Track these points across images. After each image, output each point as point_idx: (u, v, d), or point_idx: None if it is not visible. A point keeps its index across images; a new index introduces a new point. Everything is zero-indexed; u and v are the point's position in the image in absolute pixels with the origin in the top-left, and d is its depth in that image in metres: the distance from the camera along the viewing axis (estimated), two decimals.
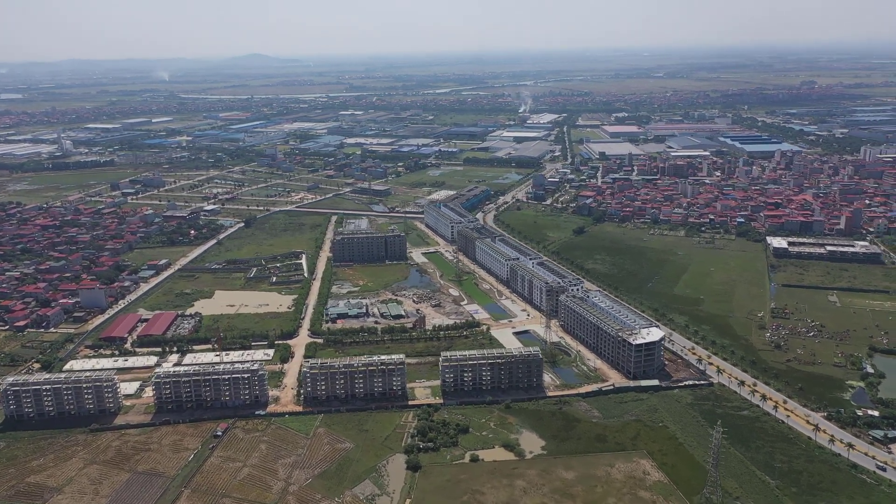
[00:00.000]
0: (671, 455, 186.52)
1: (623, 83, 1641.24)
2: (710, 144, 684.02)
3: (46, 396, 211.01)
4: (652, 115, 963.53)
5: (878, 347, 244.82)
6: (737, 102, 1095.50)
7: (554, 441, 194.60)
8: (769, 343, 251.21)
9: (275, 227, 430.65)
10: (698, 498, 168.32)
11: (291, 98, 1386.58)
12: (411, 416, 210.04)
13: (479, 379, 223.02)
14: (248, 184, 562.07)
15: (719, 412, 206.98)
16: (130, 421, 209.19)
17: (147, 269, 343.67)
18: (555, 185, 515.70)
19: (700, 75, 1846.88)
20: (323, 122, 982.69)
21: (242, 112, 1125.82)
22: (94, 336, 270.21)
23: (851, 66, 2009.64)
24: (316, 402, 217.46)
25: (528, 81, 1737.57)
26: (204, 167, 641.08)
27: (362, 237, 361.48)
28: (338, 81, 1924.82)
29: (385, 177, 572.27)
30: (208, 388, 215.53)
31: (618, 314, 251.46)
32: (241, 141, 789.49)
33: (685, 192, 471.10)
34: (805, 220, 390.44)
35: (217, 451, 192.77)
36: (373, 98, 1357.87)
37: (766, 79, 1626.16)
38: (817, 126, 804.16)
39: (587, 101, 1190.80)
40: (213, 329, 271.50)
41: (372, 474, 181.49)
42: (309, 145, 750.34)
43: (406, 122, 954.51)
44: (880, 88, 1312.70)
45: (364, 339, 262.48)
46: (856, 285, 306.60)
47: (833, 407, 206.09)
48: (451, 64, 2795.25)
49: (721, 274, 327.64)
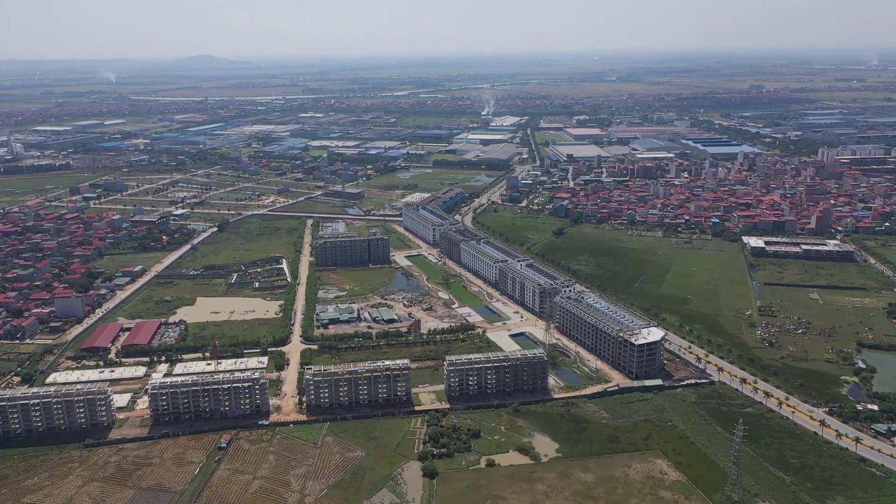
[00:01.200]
0: (685, 454, 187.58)
1: (578, 86, 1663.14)
2: (673, 147, 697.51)
3: (35, 411, 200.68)
4: (612, 118, 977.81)
5: (865, 343, 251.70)
6: (692, 106, 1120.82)
7: (567, 443, 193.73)
8: (761, 341, 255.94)
9: (249, 231, 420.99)
10: (719, 496, 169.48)
11: (247, 100, 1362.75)
12: (419, 421, 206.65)
13: (483, 382, 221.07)
14: (215, 187, 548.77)
15: (724, 410, 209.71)
16: (127, 434, 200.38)
17: (122, 275, 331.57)
18: (528, 188, 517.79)
19: (651, 79, 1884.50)
20: (283, 124, 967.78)
21: (199, 114, 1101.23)
22: (74, 347, 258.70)
23: (794, 72, 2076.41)
24: (319, 410, 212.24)
25: (484, 84, 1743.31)
26: (166, 171, 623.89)
27: (345, 241, 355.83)
28: (292, 84, 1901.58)
29: (356, 179, 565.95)
30: (207, 399, 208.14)
31: (614, 315, 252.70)
32: (201, 144, 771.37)
33: (657, 193, 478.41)
34: (777, 220, 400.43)
35: (224, 463, 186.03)
36: (330, 100, 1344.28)
37: (716, 83, 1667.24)
38: (772, 129, 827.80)
39: (546, 104, 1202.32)
40: (201, 337, 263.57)
41: (388, 483, 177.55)
42: (273, 148, 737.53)
43: (368, 124, 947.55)
44: (824, 93, 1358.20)
45: (359, 345, 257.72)
46: (834, 283, 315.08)
47: (832, 402, 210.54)
48: (404, 67, 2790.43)
49: (704, 273, 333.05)
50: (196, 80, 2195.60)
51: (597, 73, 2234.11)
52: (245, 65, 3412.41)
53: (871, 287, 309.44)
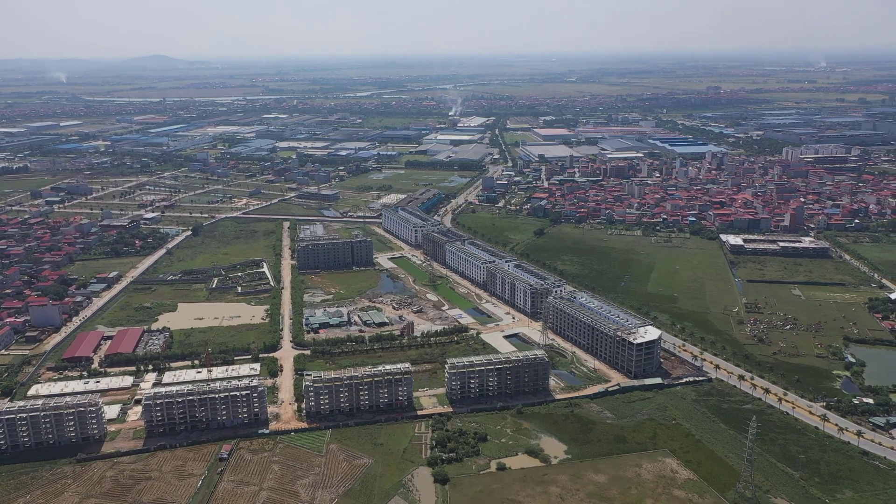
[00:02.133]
0: (693, 452, 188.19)
1: (540, 87, 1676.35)
2: (642, 146, 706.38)
3: (22, 426, 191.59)
4: (578, 119, 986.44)
5: (852, 338, 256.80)
6: (654, 106, 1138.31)
7: (575, 444, 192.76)
8: (752, 337, 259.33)
9: (225, 234, 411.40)
10: (732, 493, 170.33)
11: (207, 101, 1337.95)
12: (424, 426, 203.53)
13: (485, 385, 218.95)
14: (184, 190, 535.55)
15: (725, 407, 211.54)
16: (121, 448, 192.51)
17: (97, 282, 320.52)
18: (503, 188, 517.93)
19: (610, 80, 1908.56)
20: (247, 125, 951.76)
21: (158, 115, 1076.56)
22: (54, 357, 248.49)
23: (746, 73, 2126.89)
24: (320, 416, 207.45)
25: (447, 85, 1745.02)
26: (130, 173, 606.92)
27: (328, 243, 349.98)
28: (252, 84, 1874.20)
29: (329, 181, 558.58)
30: (204, 409, 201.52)
31: (608, 314, 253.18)
32: (164, 145, 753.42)
33: (632, 192, 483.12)
34: (753, 218, 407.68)
35: (227, 474, 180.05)
36: (293, 101, 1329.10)
37: (674, 84, 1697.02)
38: (734, 129, 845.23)
39: (511, 105, 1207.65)
40: (187, 345, 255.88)
41: (400, 490, 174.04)
42: (240, 149, 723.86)
43: (335, 125, 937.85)
44: (778, 94, 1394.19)
45: (352, 349, 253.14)
46: (813, 279, 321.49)
47: (828, 397, 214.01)
48: (364, 67, 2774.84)
49: (687, 272, 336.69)
50: (151, 80, 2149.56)
51: (557, 74, 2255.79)
52: (200, 65, 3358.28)
53: (849, 283, 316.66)
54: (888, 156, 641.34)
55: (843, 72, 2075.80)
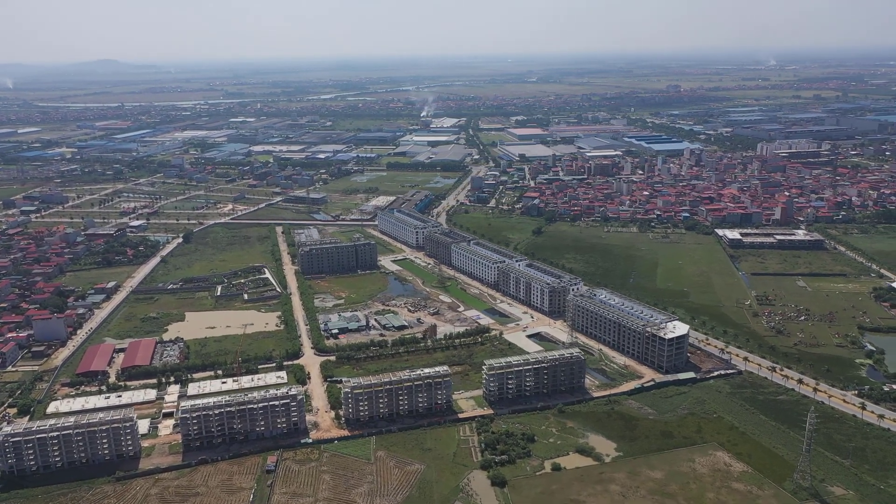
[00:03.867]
0: (741, 445, 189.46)
1: (502, 87, 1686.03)
2: (619, 144, 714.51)
3: (54, 445, 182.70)
4: (549, 118, 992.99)
5: (866, 326, 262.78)
6: (620, 105, 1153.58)
7: (624, 442, 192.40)
8: (770, 329, 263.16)
9: (218, 241, 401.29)
10: (789, 483, 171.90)
11: (168, 105, 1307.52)
12: (468, 429, 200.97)
13: (522, 385, 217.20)
14: (164, 196, 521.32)
15: (761, 399, 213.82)
16: (159, 464, 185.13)
17: (95, 293, 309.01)
18: (491, 188, 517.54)
19: (570, 80, 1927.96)
20: (216, 129, 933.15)
21: (120, 121, 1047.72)
22: (67, 372, 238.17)
23: (700, 72, 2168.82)
24: (360, 423, 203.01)
25: (409, 87, 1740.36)
26: (103, 180, 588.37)
27: (331, 247, 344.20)
28: (210, 88, 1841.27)
29: (312, 184, 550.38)
30: (241, 420, 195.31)
31: (632, 310, 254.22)
32: (134, 151, 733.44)
33: (621, 190, 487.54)
34: (745, 213, 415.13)
35: (277, 486, 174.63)
36: (257, 104, 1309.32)
37: (633, 83, 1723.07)
38: (703, 126, 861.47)
39: (479, 105, 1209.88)
40: (204, 354, 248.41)
41: (459, 494, 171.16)
42: (214, 154, 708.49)
43: (306, 128, 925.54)
44: (736, 91, 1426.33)
45: (377, 354, 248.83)
46: (815, 270, 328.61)
47: (858, 385, 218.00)
48: (321, 70, 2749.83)
49: (691, 266, 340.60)
50: (104, 84, 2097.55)
51: (517, 74, 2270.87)
52: (152, 69, 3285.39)
53: (849, 273, 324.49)
54: (856, 149, 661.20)
55: (792, 70, 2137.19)
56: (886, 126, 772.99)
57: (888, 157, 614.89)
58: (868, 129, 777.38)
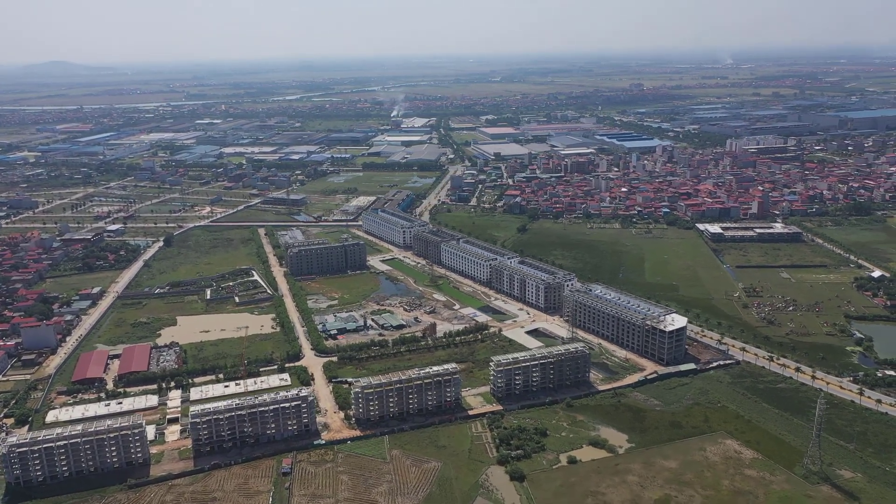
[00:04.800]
0: (748, 432, 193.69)
1: (467, 87, 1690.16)
2: (591, 142, 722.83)
3: (61, 455, 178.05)
4: (518, 117, 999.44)
5: (851, 315, 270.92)
6: (587, 104, 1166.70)
7: (635, 433, 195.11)
8: (761, 320, 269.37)
9: (200, 244, 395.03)
10: (799, 468, 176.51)
11: (129, 108, 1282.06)
12: (479, 425, 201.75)
13: (529, 380, 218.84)
14: (138, 200, 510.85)
15: (761, 388, 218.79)
16: (172, 470, 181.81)
17: (80, 299, 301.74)
18: (471, 187, 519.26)
19: (534, 79, 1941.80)
20: (183, 131, 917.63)
21: (81, 124, 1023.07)
22: (62, 380, 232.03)
23: (660, 71, 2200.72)
24: (370, 423, 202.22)
25: (374, 87, 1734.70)
26: (72, 184, 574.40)
27: (321, 248, 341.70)
28: (170, 90, 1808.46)
29: (289, 186, 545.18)
30: (252, 423, 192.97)
31: (629, 304, 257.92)
32: (100, 154, 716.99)
33: (600, 187, 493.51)
34: (723, 207, 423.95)
35: (296, 489, 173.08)
36: (221, 106, 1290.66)
37: (596, 82, 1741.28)
38: (670, 123, 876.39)
39: (447, 105, 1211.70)
40: (202, 359, 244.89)
41: (480, 490, 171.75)
42: (184, 156, 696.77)
43: (275, 129, 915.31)
44: (697, 90, 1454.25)
45: (378, 353, 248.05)
46: (796, 262, 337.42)
47: (853, 372, 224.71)
48: (283, 71, 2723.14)
49: (677, 261, 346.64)
50: (58, 87, 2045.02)
51: (480, 74, 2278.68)
52: (107, 71, 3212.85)
53: (829, 264, 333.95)
54: (819, 145, 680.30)
55: (748, 68, 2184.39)
56: (846, 122, 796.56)
57: (851, 151, 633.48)
58: (829, 124, 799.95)
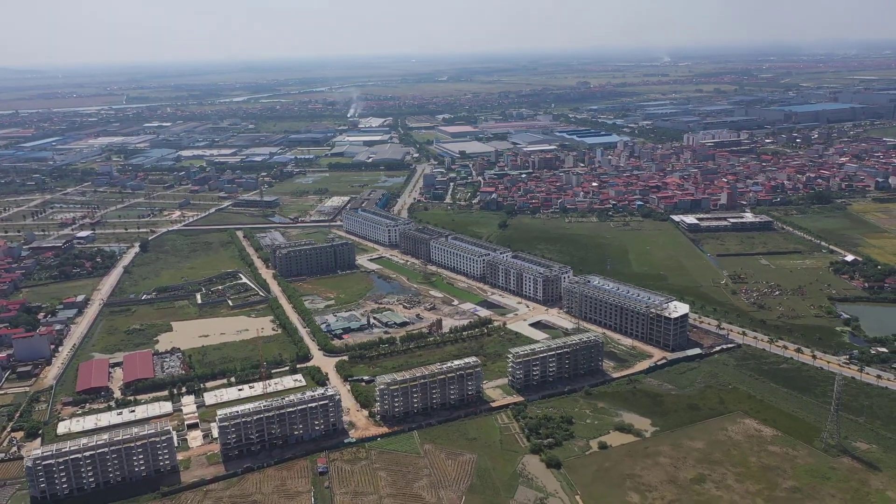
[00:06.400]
0: (763, 411, 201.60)
1: (415, 87, 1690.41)
2: (552, 139, 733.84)
3: (87, 466, 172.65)
4: (473, 116, 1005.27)
5: (835, 297, 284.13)
6: (539, 102, 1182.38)
7: (656, 417, 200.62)
8: (752, 305, 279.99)
9: (178, 248, 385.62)
10: (818, 443, 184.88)
11: (70, 111, 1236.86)
12: (504, 417, 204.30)
13: (546, 371, 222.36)
14: (101, 206, 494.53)
15: (766, 369, 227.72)
16: (203, 475, 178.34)
17: (65, 307, 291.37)
18: (443, 185, 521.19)
19: (481, 79, 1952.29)
20: (133, 135, 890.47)
21: (21, 128, 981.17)
22: (66, 391, 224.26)
23: (600, 69, 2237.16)
24: (396, 419, 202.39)
25: (321, 88, 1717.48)
26: (25, 191, 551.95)
27: (310, 248, 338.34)
28: (109, 93, 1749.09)
29: (258, 188, 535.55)
30: (280, 425, 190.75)
31: (629, 294, 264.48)
32: (50, 160, 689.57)
33: (570, 182, 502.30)
34: (694, 199, 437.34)
35: (336, 487, 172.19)
36: (167, 108, 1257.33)
37: (542, 81, 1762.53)
38: (623, 119, 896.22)
39: (400, 105, 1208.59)
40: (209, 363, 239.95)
41: (520, 479, 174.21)
42: (141, 160, 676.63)
43: (230, 131, 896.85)
44: (642, 87, 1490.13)
45: (388, 351, 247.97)
46: (771, 249, 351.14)
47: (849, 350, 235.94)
48: (224, 73, 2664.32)
49: (659, 251, 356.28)
50: None
51: (426, 74, 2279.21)
52: (35, 74, 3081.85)
53: (803, 250, 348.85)
54: (769, 138, 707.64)
55: (686, 66, 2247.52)
56: (791, 115, 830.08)
57: (799, 143, 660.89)
58: (775, 118, 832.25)
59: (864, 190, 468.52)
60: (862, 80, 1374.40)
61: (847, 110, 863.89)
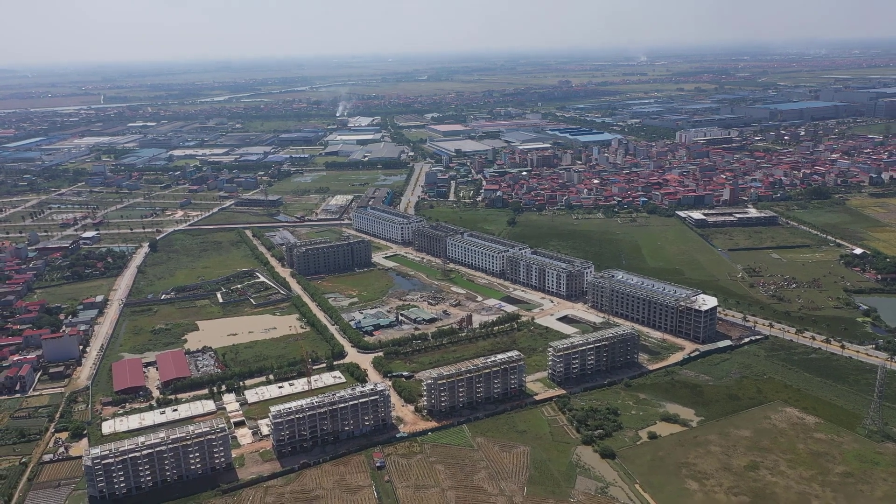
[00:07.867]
0: (802, 400, 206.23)
1: (397, 86, 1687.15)
2: (545, 137, 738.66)
3: (145, 465, 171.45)
4: (460, 114, 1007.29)
5: (850, 289, 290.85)
6: (524, 101, 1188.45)
7: (699, 407, 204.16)
8: (771, 298, 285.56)
9: (188, 248, 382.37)
10: (860, 429, 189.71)
11: (48, 111, 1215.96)
12: (550, 409, 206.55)
13: (585, 364, 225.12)
14: (99, 206, 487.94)
15: (797, 359, 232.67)
16: (261, 472, 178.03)
17: (84, 308, 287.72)
18: (445, 183, 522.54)
19: (461, 78, 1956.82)
20: (119, 135, 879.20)
21: (1, 129, 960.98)
22: (103, 391, 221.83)
23: (579, 69, 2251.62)
24: (443, 414, 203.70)
25: (302, 87, 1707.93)
26: (18, 192, 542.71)
27: (327, 247, 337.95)
28: (85, 93, 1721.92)
29: (258, 187, 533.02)
30: (332, 421, 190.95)
31: (654, 287, 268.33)
32: (38, 160, 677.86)
33: (573, 179, 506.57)
34: (697, 195, 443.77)
35: (397, 481, 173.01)
36: (148, 108, 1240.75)
37: (523, 80, 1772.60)
38: (611, 118, 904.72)
39: (386, 104, 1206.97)
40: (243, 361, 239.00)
41: (577, 470, 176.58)
42: (132, 160, 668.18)
43: (218, 131, 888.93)
44: (623, 86, 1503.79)
45: (421, 347, 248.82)
46: (780, 243, 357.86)
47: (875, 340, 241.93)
48: (199, 72, 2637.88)
49: (671, 246, 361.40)
50: None
51: (405, 73, 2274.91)
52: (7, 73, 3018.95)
53: (811, 244, 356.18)
54: (758, 135, 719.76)
55: (663, 65, 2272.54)
56: (776, 113, 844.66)
57: (787, 140, 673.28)
58: (760, 116, 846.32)
59: (859, 185, 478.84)
60: (837, 78, 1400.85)
61: (830, 108, 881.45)
